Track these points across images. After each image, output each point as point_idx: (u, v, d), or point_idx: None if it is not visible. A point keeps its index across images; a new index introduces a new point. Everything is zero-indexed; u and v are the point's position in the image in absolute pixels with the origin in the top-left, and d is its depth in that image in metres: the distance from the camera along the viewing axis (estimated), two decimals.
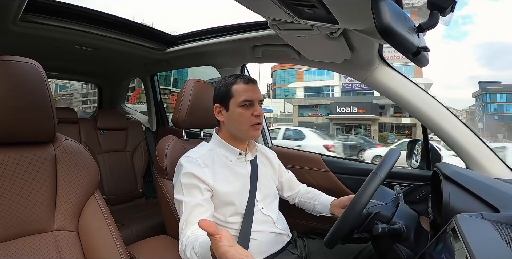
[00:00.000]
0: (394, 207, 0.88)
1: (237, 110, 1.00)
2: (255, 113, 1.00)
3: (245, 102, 1.00)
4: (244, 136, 1.04)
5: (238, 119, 1.01)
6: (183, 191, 0.94)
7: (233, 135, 1.05)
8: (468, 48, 67.71)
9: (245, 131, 1.01)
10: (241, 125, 1.01)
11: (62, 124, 1.81)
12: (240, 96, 1.00)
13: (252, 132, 1.02)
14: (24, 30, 1.29)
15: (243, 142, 1.08)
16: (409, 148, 1.34)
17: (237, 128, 1.03)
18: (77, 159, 0.81)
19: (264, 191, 1.09)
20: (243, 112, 1.00)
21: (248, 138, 1.06)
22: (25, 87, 0.71)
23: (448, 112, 1.09)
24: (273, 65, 34.96)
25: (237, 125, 1.02)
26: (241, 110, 1.00)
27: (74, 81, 28.61)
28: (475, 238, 0.56)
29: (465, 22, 35.26)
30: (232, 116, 1.02)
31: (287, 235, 1.10)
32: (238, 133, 1.04)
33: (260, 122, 1.02)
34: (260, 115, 1.01)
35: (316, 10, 0.73)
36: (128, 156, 2.19)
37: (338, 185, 1.40)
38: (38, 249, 0.71)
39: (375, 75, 1.15)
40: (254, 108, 1.01)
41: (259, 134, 1.06)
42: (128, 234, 1.56)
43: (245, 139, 1.07)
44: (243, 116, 1.00)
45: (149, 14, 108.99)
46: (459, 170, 0.88)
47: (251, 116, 1.00)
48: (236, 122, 1.02)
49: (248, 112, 1.00)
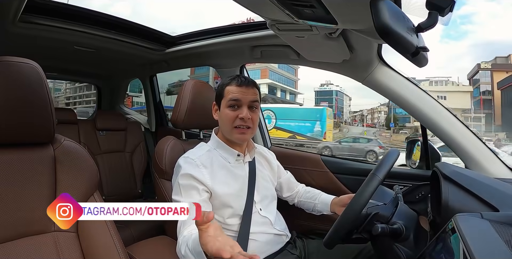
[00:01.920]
0: (394, 207, 0.88)
1: (224, 111, 1.01)
2: (240, 115, 0.99)
3: (231, 102, 1.00)
4: (230, 137, 1.03)
5: (224, 120, 1.01)
6: (181, 192, 0.94)
7: (224, 135, 1.06)
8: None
9: (229, 132, 1.01)
10: (225, 125, 1.02)
11: (61, 125, 1.80)
12: (228, 96, 1.00)
13: (235, 135, 1.01)
14: (23, 31, 1.29)
15: (238, 143, 1.07)
16: (409, 148, 1.34)
17: (223, 128, 1.04)
18: (76, 159, 0.81)
19: (262, 193, 1.09)
20: (228, 113, 1.00)
21: (234, 140, 1.03)
22: (24, 88, 0.71)
23: (447, 112, 1.09)
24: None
25: (223, 125, 1.03)
26: (227, 111, 1.00)
27: (63, 85, 28.65)
28: (474, 238, 0.56)
29: (463, 22, 35.64)
30: (221, 116, 1.03)
31: (286, 236, 1.09)
32: (225, 134, 1.04)
33: (245, 125, 1.00)
34: (245, 118, 0.99)
35: (315, 10, 0.73)
36: (127, 157, 2.18)
37: (337, 185, 1.40)
38: (38, 250, 0.71)
39: (374, 75, 1.15)
40: (240, 110, 1.00)
41: (245, 139, 1.04)
42: (127, 235, 1.56)
43: (233, 140, 1.04)
44: (227, 117, 1.00)
45: (147, 14, 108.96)
46: (459, 170, 0.88)
47: (236, 118, 0.99)
48: (223, 122, 1.03)
49: (234, 114, 1.00)
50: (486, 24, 35.37)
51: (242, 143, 1.07)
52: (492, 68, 25.60)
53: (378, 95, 9.40)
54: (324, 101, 37.09)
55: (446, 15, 0.62)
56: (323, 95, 39.20)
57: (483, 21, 33.43)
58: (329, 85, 39.66)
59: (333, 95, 38.50)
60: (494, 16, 31.99)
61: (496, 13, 30.49)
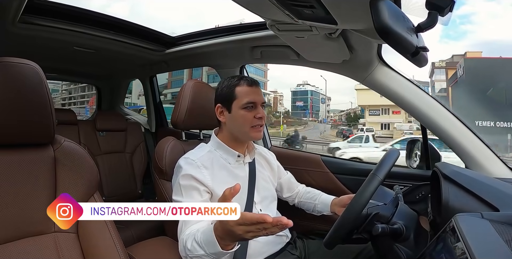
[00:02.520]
0: (394, 207, 0.88)
1: (240, 112, 1.01)
2: (258, 115, 1.01)
3: (248, 104, 1.00)
4: (245, 137, 1.05)
5: (241, 121, 1.01)
6: (181, 192, 0.94)
7: (233, 136, 1.05)
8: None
9: (247, 132, 1.02)
10: (243, 126, 1.01)
11: (61, 125, 1.81)
12: (244, 98, 1.00)
13: (254, 134, 1.02)
14: (23, 32, 1.29)
15: (242, 143, 1.08)
16: (409, 148, 1.34)
17: (239, 129, 1.03)
18: (77, 160, 0.81)
19: (262, 193, 1.09)
20: (245, 114, 1.00)
21: (250, 139, 1.07)
22: (24, 89, 0.71)
23: (447, 111, 1.09)
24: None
25: (239, 126, 1.02)
26: (244, 112, 1.00)
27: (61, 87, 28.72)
28: (474, 238, 0.56)
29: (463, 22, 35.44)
30: (234, 117, 1.02)
31: (286, 236, 1.09)
32: (240, 135, 1.04)
33: (262, 124, 1.03)
34: (263, 117, 1.02)
35: (314, 10, 0.73)
36: (128, 158, 2.18)
37: (338, 186, 1.40)
38: (38, 251, 0.71)
39: (374, 75, 1.15)
40: (256, 111, 1.01)
41: (261, 136, 1.06)
42: (127, 236, 1.56)
43: (246, 140, 1.07)
44: (246, 118, 1.00)
45: (146, 14, 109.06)
46: (459, 169, 0.88)
47: (254, 118, 1.00)
48: (238, 124, 1.02)
49: (251, 114, 1.00)
50: (485, 24, 35.52)
51: (259, 140, 1.08)
52: (446, 66, 25.90)
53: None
54: (300, 101, 38.66)
55: (446, 15, 0.62)
56: (299, 95, 40.22)
57: (482, 21, 33.53)
58: (305, 85, 40.60)
59: (308, 95, 39.52)
60: (494, 16, 32.07)
61: (495, 13, 30.58)
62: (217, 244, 0.70)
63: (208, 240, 0.73)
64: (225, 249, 0.71)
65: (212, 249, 0.73)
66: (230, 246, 0.72)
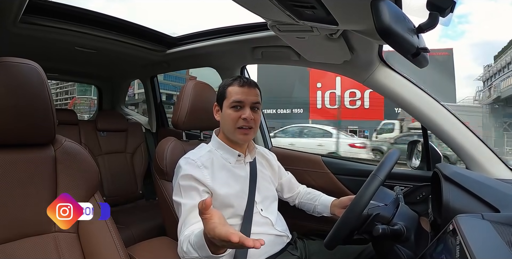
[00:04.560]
0: (394, 208, 0.88)
1: (227, 111, 1.01)
2: (243, 116, 0.99)
3: (234, 103, 1.00)
4: (233, 138, 1.03)
5: (227, 120, 1.01)
6: (181, 193, 0.94)
7: (226, 135, 1.06)
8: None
9: (232, 132, 1.01)
10: (228, 126, 1.02)
11: (62, 125, 1.81)
12: (231, 97, 1.00)
13: (239, 136, 1.01)
14: (24, 32, 1.29)
15: (239, 143, 1.07)
16: (409, 149, 1.34)
17: (227, 129, 1.03)
18: (77, 160, 0.81)
19: (263, 193, 1.09)
20: (231, 114, 1.00)
21: (237, 140, 1.04)
22: (25, 89, 0.71)
23: (448, 112, 1.08)
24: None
25: (226, 126, 1.03)
26: (230, 111, 1.01)
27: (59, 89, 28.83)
28: (475, 239, 0.56)
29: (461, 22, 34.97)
30: (223, 116, 1.03)
31: (286, 237, 1.09)
32: (229, 135, 1.04)
33: (248, 126, 1.00)
34: (248, 118, 0.99)
35: (315, 11, 0.73)
36: (128, 158, 2.18)
37: (338, 186, 1.40)
38: (38, 251, 0.71)
39: (375, 76, 1.15)
40: (243, 111, 1.00)
41: (248, 139, 1.05)
42: (128, 236, 1.56)
43: (236, 141, 1.05)
44: (231, 118, 1.00)
45: (146, 15, 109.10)
46: (459, 170, 0.88)
47: (239, 118, 1.00)
48: (226, 123, 1.02)
49: (236, 114, 1.00)
50: (483, 23, 35.27)
51: (245, 143, 1.07)
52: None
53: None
54: None
55: (447, 16, 0.62)
56: None
57: (480, 21, 33.29)
58: None
59: None
60: (492, 15, 31.88)
61: (493, 12, 30.40)
62: (207, 248, 0.69)
63: (200, 243, 0.72)
64: (215, 253, 0.70)
65: (204, 252, 0.72)
66: (221, 250, 0.70)
